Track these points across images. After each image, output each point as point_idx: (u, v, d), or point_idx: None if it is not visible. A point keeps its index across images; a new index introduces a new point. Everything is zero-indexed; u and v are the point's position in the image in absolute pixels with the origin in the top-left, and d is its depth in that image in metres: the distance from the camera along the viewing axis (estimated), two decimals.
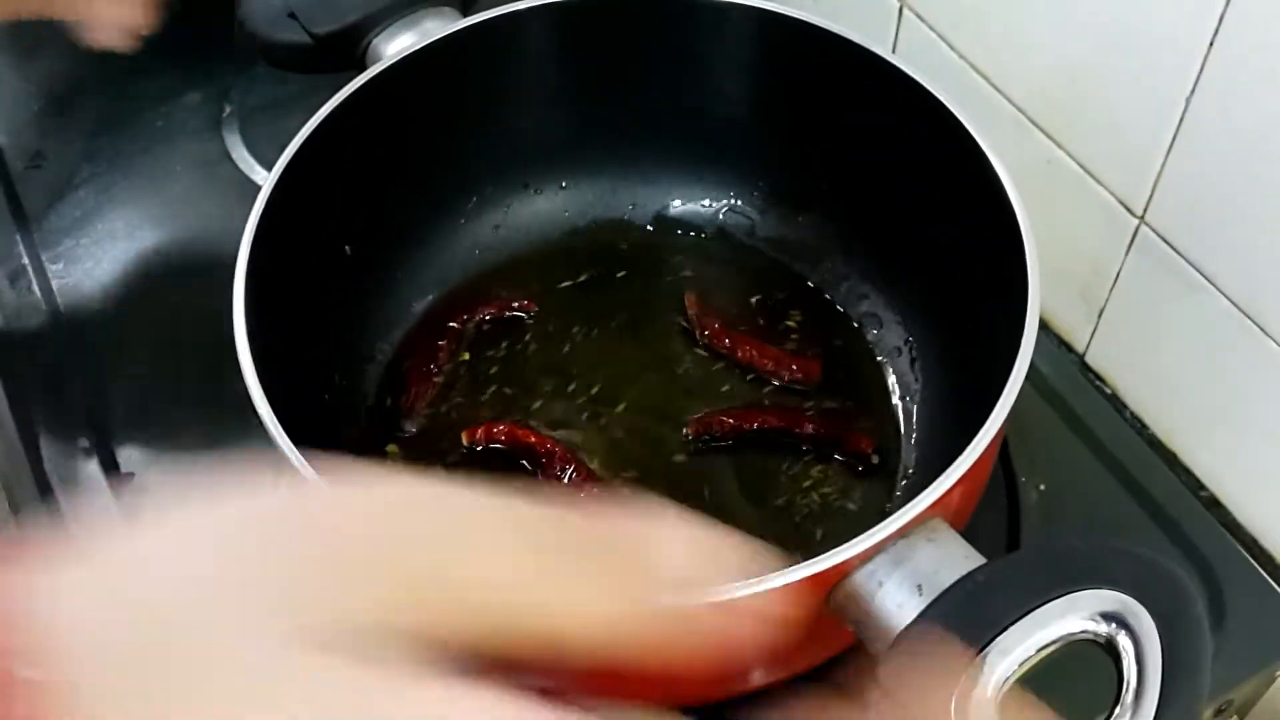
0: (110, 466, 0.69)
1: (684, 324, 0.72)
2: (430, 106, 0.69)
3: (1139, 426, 0.72)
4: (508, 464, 0.66)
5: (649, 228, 0.77)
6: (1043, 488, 0.68)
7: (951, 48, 0.74)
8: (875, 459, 0.66)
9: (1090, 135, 0.67)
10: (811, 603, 0.47)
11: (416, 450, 0.67)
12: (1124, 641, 0.43)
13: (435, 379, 0.70)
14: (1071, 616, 0.42)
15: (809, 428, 0.66)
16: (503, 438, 0.66)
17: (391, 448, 0.67)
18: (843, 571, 0.46)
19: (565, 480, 0.64)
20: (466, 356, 0.71)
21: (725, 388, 0.69)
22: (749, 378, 0.70)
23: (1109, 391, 0.74)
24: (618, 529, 0.28)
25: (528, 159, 0.75)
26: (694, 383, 0.70)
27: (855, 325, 0.72)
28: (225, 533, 0.26)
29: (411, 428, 0.68)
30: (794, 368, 0.69)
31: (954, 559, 0.46)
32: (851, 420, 0.68)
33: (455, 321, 0.72)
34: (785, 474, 0.66)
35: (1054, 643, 0.42)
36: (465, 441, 0.66)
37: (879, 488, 0.65)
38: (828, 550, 0.46)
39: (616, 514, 0.29)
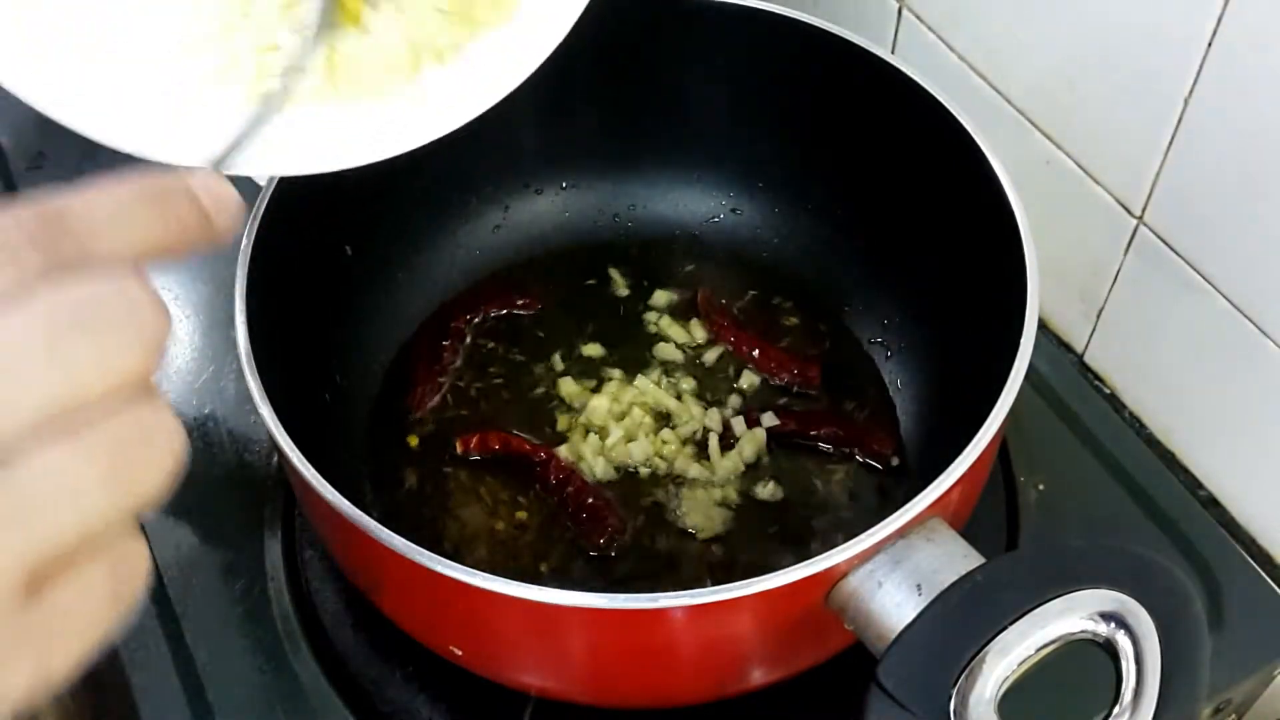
0: None
1: (685, 323, 0.72)
2: None
3: (1137, 426, 0.72)
4: (508, 465, 0.66)
5: (649, 228, 0.77)
6: (1042, 487, 0.68)
7: (951, 48, 0.74)
8: (894, 461, 0.66)
9: (1089, 136, 0.68)
10: (811, 602, 0.47)
11: (424, 447, 0.67)
12: (1123, 641, 0.43)
13: (440, 378, 0.70)
14: (1070, 616, 0.42)
15: (818, 429, 0.67)
16: (496, 446, 0.66)
17: (412, 438, 0.68)
18: (842, 571, 0.46)
19: (560, 486, 0.64)
20: (470, 356, 0.71)
21: (728, 387, 0.70)
22: (752, 378, 0.70)
23: (1108, 391, 0.74)
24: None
25: (528, 159, 0.75)
26: (695, 382, 0.70)
27: (854, 325, 0.72)
28: None
29: (419, 426, 0.68)
30: (795, 371, 0.70)
31: (953, 558, 0.46)
32: (851, 421, 0.68)
33: (458, 321, 0.72)
34: (786, 475, 0.66)
35: (1053, 642, 0.42)
36: (459, 450, 0.66)
37: (878, 487, 0.65)
38: (827, 550, 0.46)
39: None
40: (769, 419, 0.67)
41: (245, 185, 0.83)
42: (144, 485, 0.26)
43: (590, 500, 0.63)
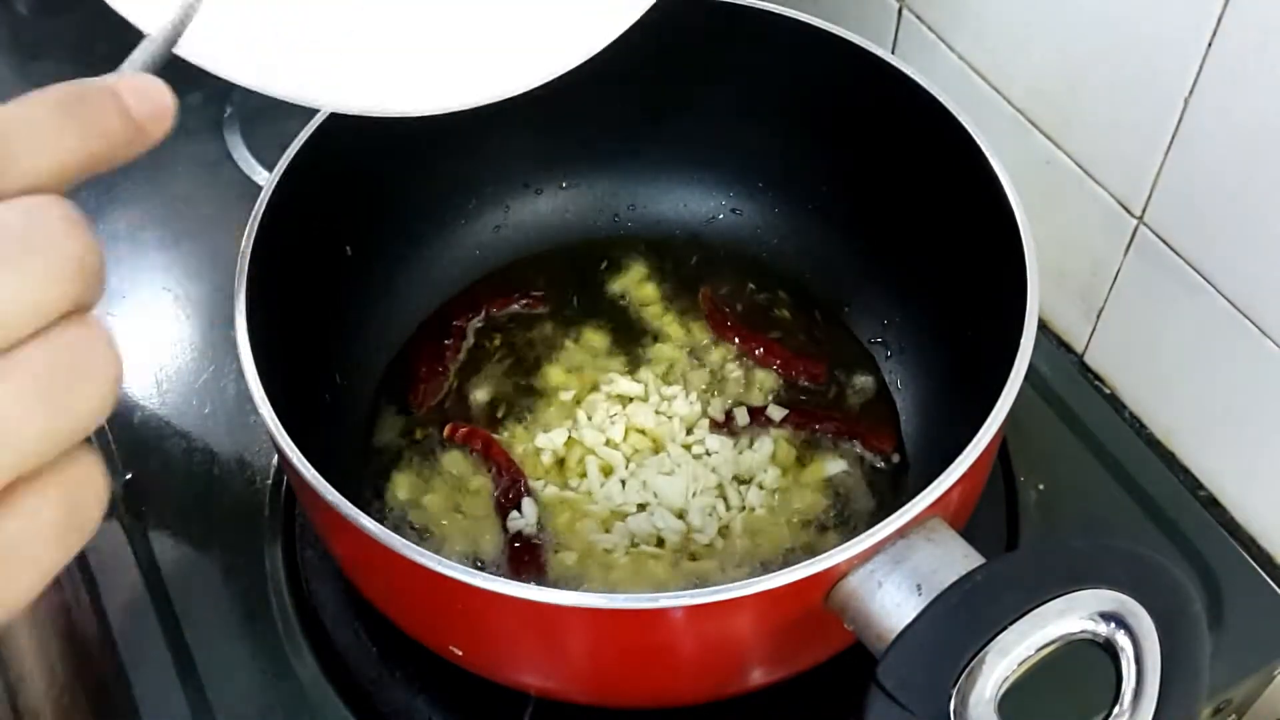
0: (110, 466, 0.70)
1: (686, 322, 0.72)
2: None
3: (1138, 426, 0.72)
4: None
5: (649, 227, 0.77)
6: (1042, 487, 0.68)
7: (951, 48, 0.74)
8: (896, 458, 0.66)
9: (1089, 135, 0.68)
10: (811, 602, 0.47)
11: (425, 445, 0.68)
12: (1123, 641, 0.43)
13: (442, 377, 0.70)
14: (1070, 616, 0.42)
15: (823, 427, 0.67)
16: (479, 446, 0.67)
17: (418, 432, 0.68)
18: (842, 571, 0.46)
19: (507, 509, 0.64)
20: (471, 355, 0.71)
21: (730, 386, 0.70)
22: (754, 376, 0.70)
23: (1108, 392, 0.74)
24: None
25: (528, 159, 0.75)
26: (696, 381, 0.70)
27: (854, 325, 0.72)
28: None
29: (420, 424, 0.68)
30: (800, 367, 0.70)
31: (953, 558, 0.46)
32: (852, 420, 0.68)
33: (460, 320, 0.72)
34: (789, 473, 0.66)
35: (1053, 643, 0.42)
36: (447, 434, 0.67)
37: (878, 487, 0.65)
38: (827, 549, 0.46)
39: None
40: (776, 412, 0.67)
41: (246, 185, 0.83)
42: (79, 412, 0.26)
43: (530, 540, 0.63)
